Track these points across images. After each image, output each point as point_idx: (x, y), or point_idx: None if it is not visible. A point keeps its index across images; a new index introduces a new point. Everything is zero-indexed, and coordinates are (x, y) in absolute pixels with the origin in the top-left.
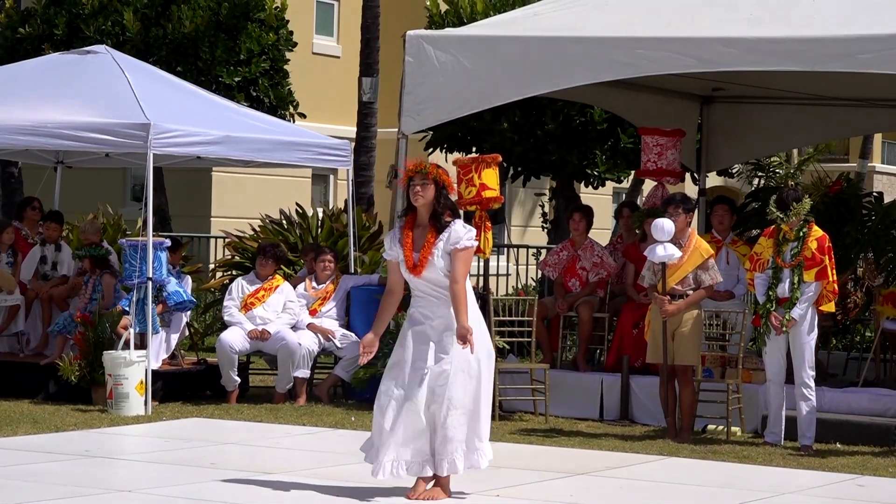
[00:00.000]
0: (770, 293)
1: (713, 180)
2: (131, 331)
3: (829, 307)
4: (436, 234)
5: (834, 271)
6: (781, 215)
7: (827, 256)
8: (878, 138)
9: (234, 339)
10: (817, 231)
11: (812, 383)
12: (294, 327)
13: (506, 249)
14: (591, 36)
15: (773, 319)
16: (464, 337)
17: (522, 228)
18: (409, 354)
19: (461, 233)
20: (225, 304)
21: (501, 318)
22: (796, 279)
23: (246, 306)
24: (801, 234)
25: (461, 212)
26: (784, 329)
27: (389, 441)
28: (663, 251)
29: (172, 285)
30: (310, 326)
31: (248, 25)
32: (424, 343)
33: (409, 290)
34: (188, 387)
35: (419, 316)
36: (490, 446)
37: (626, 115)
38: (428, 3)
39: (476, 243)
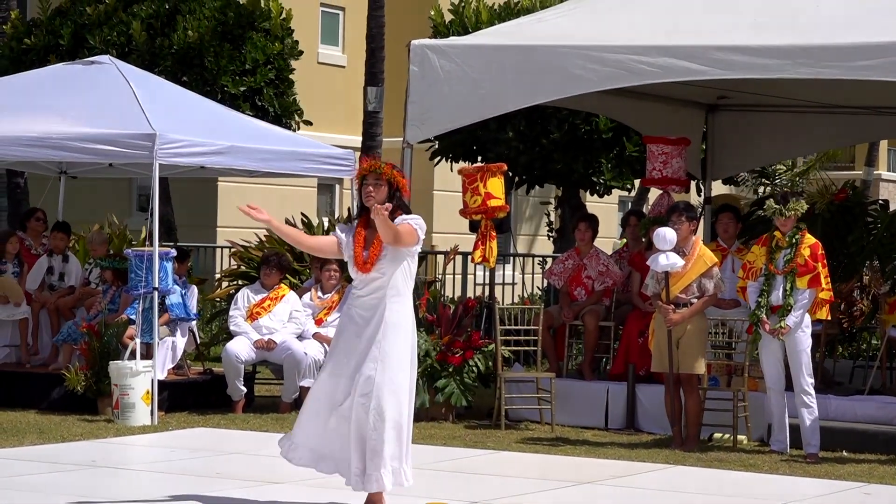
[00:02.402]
0: (761, 300)
1: (719, 188)
2: (137, 341)
3: (822, 314)
4: None
5: (828, 278)
6: (779, 207)
7: (820, 263)
8: (883, 145)
9: (240, 348)
10: (810, 238)
11: (811, 390)
12: (300, 337)
13: (511, 258)
14: (596, 44)
15: (765, 326)
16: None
17: (528, 237)
18: (346, 364)
19: (408, 217)
20: (230, 313)
21: (507, 327)
22: (789, 286)
23: (252, 316)
24: (794, 241)
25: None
26: (779, 336)
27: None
28: (666, 260)
29: (176, 296)
30: (315, 336)
31: (254, 35)
32: (354, 349)
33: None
34: (194, 397)
35: (354, 315)
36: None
37: (632, 123)
38: (432, 13)
39: (420, 236)
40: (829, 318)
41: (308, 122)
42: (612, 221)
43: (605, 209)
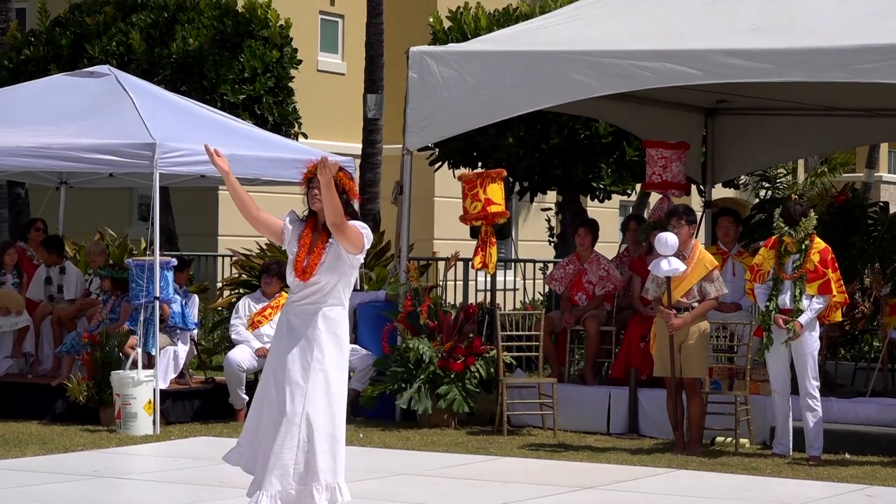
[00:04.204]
0: (770, 304)
1: (721, 192)
2: (138, 350)
3: (837, 316)
4: (327, 238)
5: (841, 281)
6: (790, 230)
7: (830, 269)
8: (884, 148)
9: (242, 357)
10: (819, 243)
11: (817, 393)
12: None
13: (513, 264)
14: (595, 49)
15: (779, 321)
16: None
17: (529, 243)
18: (281, 375)
19: (355, 222)
20: (232, 322)
21: (509, 333)
22: (798, 291)
23: (253, 324)
24: (804, 246)
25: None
26: (790, 333)
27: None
28: (668, 265)
29: (176, 306)
30: None
31: (252, 43)
32: (288, 359)
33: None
34: (196, 406)
35: (289, 323)
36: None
37: (631, 128)
38: (431, 20)
39: (365, 244)
40: (842, 319)
41: (304, 135)
42: (613, 226)
43: (606, 214)
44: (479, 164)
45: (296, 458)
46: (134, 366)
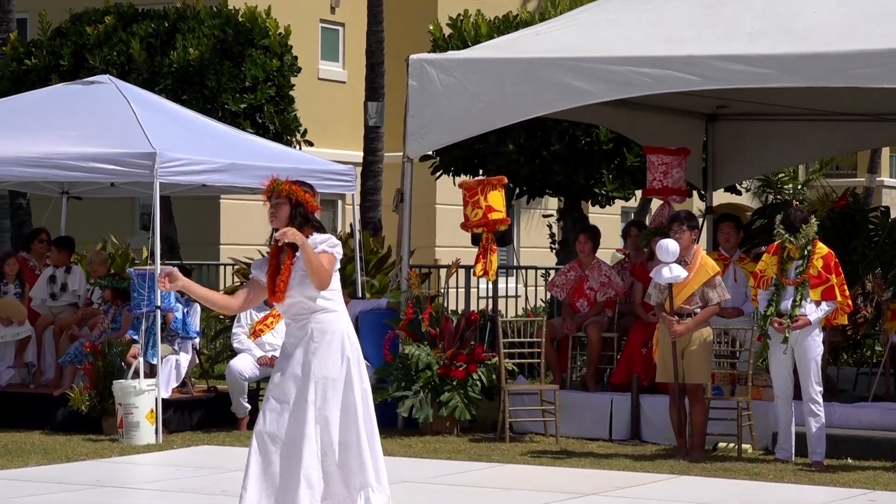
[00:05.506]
0: (768, 311)
1: (722, 197)
2: (140, 359)
3: (842, 319)
4: (293, 255)
5: (845, 285)
6: (790, 237)
7: (834, 274)
8: (885, 152)
9: (244, 366)
10: (822, 248)
11: (820, 399)
12: None
13: (514, 271)
14: (595, 56)
15: (775, 324)
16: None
17: (531, 250)
18: (284, 394)
19: (318, 239)
20: (234, 331)
21: (511, 340)
22: (799, 297)
23: (255, 333)
24: (806, 252)
25: (318, 226)
26: (787, 332)
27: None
28: (669, 272)
29: (178, 314)
30: None
31: (253, 52)
32: (295, 380)
33: None
34: (198, 415)
35: (287, 346)
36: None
37: (632, 134)
38: (431, 27)
39: (338, 253)
40: (847, 322)
41: (309, 143)
42: (615, 232)
43: (608, 220)
44: (480, 171)
45: (319, 474)
46: (136, 375)
